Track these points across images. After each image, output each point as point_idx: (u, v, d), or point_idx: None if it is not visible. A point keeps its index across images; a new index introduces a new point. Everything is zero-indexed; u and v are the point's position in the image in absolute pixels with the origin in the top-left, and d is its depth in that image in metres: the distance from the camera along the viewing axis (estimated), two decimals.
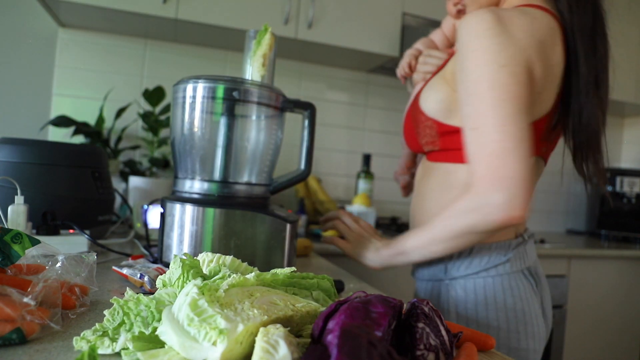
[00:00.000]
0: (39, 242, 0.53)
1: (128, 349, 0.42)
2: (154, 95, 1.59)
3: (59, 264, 0.55)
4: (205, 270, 0.54)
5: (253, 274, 0.50)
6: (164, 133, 1.68)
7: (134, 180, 1.41)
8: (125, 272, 0.71)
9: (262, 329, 0.39)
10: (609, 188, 2.46)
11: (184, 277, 0.49)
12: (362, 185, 1.86)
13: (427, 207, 0.89)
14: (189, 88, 0.78)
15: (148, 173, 1.63)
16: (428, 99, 0.84)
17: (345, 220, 0.96)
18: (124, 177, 1.59)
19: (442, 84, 0.83)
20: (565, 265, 1.84)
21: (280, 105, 0.82)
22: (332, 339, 0.36)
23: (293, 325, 0.46)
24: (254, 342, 0.39)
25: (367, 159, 1.88)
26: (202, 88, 0.77)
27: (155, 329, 0.42)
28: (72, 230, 0.89)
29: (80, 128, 1.53)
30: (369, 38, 1.80)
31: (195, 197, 0.78)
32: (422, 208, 0.91)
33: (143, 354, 0.39)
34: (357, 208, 1.74)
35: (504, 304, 0.81)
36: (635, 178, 2.42)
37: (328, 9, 1.74)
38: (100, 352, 0.43)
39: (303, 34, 1.72)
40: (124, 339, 0.43)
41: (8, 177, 0.84)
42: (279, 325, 0.41)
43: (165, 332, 0.41)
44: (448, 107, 0.81)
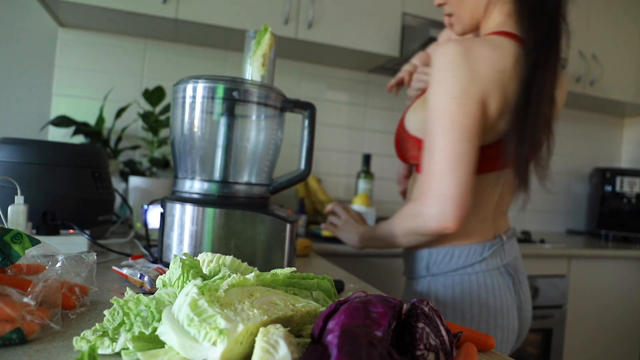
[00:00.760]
0: (39, 242, 0.53)
1: (128, 349, 0.42)
2: (154, 95, 1.59)
3: (59, 264, 0.55)
4: (205, 270, 0.54)
5: (253, 274, 0.50)
6: (164, 133, 1.68)
7: (134, 180, 1.41)
8: (125, 272, 0.71)
9: (262, 329, 0.39)
10: (609, 188, 2.46)
11: (184, 277, 0.49)
12: (362, 185, 1.86)
13: None
14: (189, 88, 0.78)
15: (148, 173, 1.63)
16: (411, 119, 0.94)
17: (337, 210, 1.11)
18: (124, 177, 1.59)
19: (422, 106, 0.91)
20: (565, 265, 1.84)
21: (280, 105, 0.82)
22: (332, 339, 0.36)
23: (293, 325, 0.46)
24: (254, 342, 0.39)
25: (367, 159, 1.88)
26: (202, 88, 0.77)
27: (156, 329, 0.42)
28: (72, 230, 0.89)
29: (81, 128, 1.53)
30: (369, 38, 1.80)
31: (195, 197, 0.78)
32: None
33: (143, 354, 0.39)
34: (357, 208, 1.74)
35: (478, 299, 0.89)
36: (635, 178, 2.43)
37: (328, 9, 1.74)
38: (100, 352, 0.43)
39: (303, 34, 1.72)
40: (124, 339, 0.43)
41: (8, 177, 0.84)
42: (279, 325, 0.41)
43: (165, 332, 0.41)
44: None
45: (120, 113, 1.63)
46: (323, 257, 1.35)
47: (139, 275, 0.68)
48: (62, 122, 1.52)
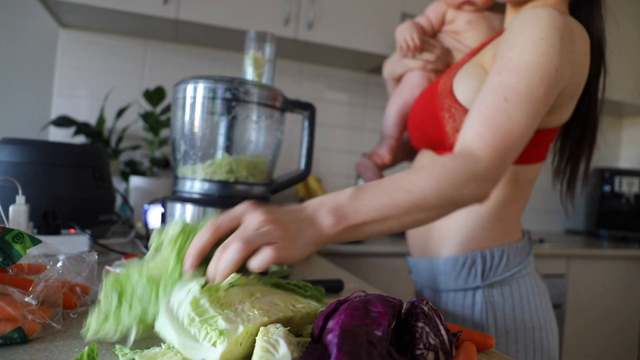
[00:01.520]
0: (40, 241, 0.53)
1: (125, 351, 0.42)
2: (155, 96, 1.59)
3: (60, 264, 0.55)
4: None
5: (253, 275, 0.51)
6: (165, 133, 1.68)
7: (135, 180, 1.42)
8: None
9: (262, 329, 0.40)
10: (608, 188, 2.46)
11: (183, 240, 0.51)
12: None
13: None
14: (190, 88, 0.78)
15: (149, 173, 1.63)
16: (463, 86, 0.78)
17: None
18: (125, 177, 1.60)
19: (479, 71, 0.78)
20: (564, 265, 1.85)
21: (280, 106, 0.83)
22: (332, 339, 0.36)
23: (293, 326, 0.46)
24: (254, 342, 0.40)
25: None
26: (202, 88, 0.77)
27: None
28: (73, 230, 0.89)
29: (81, 128, 1.53)
30: (369, 38, 1.80)
31: (196, 197, 0.78)
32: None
33: (140, 357, 0.39)
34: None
35: (535, 304, 0.81)
36: (634, 178, 2.43)
37: (328, 10, 1.74)
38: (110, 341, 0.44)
39: (303, 35, 1.72)
40: (135, 333, 0.45)
41: (9, 177, 0.84)
42: (279, 325, 0.41)
43: (164, 327, 0.41)
44: None
45: (121, 113, 1.63)
46: (323, 256, 1.35)
47: None
48: (63, 122, 1.52)
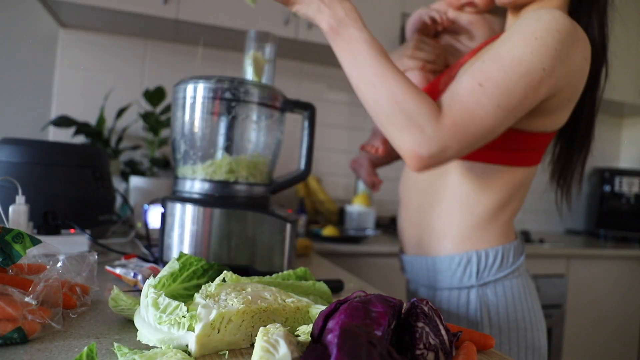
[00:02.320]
0: (40, 241, 0.53)
1: (124, 351, 0.42)
2: (155, 96, 1.59)
3: (60, 264, 0.55)
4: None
5: (256, 278, 0.52)
6: (165, 133, 1.68)
7: (135, 180, 1.42)
8: (119, 271, 0.71)
9: (262, 329, 0.40)
10: (608, 188, 2.46)
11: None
12: (361, 185, 1.86)
13: (437, 212, 0.85)
14: (190, 88, 0.78)
15: (149, 173, 1.63)
16: None
17: None
18: (125, 177, 1.60)
19: None
20: (564, 265, 1.85)
21: (281, 106, 0.83)
22: (332, 339, 0.36)
23: (282, 320, 0.47)
24: (238, 331, 0.43)
25: None
26: (202, 88, 0.77)
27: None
28: (73, 230, 0.89)
29: (81, 128, 1.53)
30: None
31: (196, 197, 0.78)
32: (430, 213, 0.86)
33: (140, 357, 0.40)
34: (357, 208, 1.74)
35: (527, 304, 0.82)
36: (634, 178, 2.43)
37: None
38: None
39: (303, 35, 1.72)
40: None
41: (9, 177, 0.84)
42: (279, 325, 0.41)
43: (144, 335, 0.44)
44: None
45: (121, 113, 1.63)
46: (323, 256, 1.35)
47: (132, 274, 0.68)
48: (63, 122, 1.52)
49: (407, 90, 0.65)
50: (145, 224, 0.99)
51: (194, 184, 0.79)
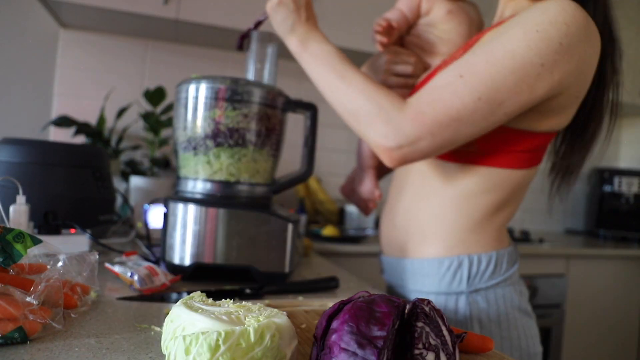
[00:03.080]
0: (41, 241, 0.53)
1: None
2: (155, 96, 1.59)
3: (61, 264, 0.55)
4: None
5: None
6: (165, 133, 1.68)
7: (135, 180, 1.42)
8: (117, 269, 0.71)
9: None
10: (608, 188, 2.46)
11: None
12: None
13: (427, 213, 0.81)
14: (192, 88, 0.78)
15: (149, 173, 1.63)
16: None
17: None
18: (125, 177, 1.59)
19: None
20: (564, 265, 1.85)
21: (282, 106, 0.83)
22: (336, 339, 0.36)
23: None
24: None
25: None
26: (204, 88, 0.77)
27: None
28: (73, 230, 0.89)
29: (82, 128, 1.53)
30: (369, 39, 1.80)
31: (198, 197, 0.78)
32: (418, 215, 0.83)
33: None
34: (356, 208, 1.74)
35: (519, 311, 0.79)
36: (633, 178, 2.43)
37: (328, 10, 1.74)
38: None
39: None
40: None
41: (10, 177, 0.84)
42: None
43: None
44: None
45: (122, 113, 1.63)
46: (323, 256, 1.35)
47: (130, 274, 0.68)
48: (63, 122, 1.52)
49: (369, 87, 0.68)
50: (146, 224, 0.99)
51: (196, 184, 0.79)
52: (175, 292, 0.68)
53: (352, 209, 1.76)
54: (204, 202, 0.76)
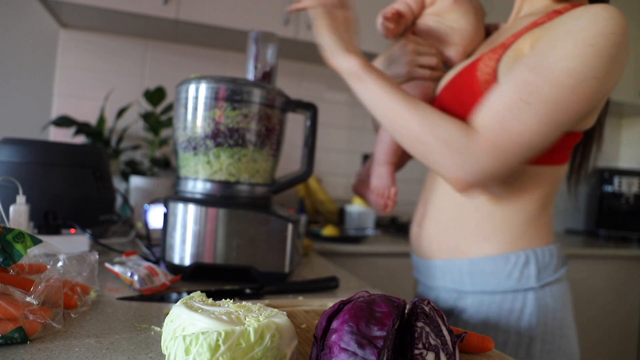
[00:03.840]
0: (41, 241, 0.53)
1: None
2: (155, 96, 1.59)
3: (61, 264, 0.55)
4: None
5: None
6: (165, 133, 1.68)
7: (135, 180, 1.42)
8: (117, 269, 0.71)
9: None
10: (608, 188, 2.46)
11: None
12: None
13: (480, 210, 0.78)
14: (192, 88, 0.78)
15: (149, 173, 1.63)
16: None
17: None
18: (125, 177, 1.60)
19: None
20: None
21: (282, 106, 0.83)
22: (336, 339, 0.36)
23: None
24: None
25: (366, 159, 1.88)
26: (204, 88, 0.77)
27: None
28: (73, 230, 0.89)
29: (82, 128, 1.53)
30: (369, 39, 1.80)
31: (198, 197, 0.78)
32: (471, 212, 0.79)
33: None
34: (356, 208, 1.74)
35: (570, 307, 0.79)
36: (633, 178, 2.43)
37: None
38: None
39: (303, 35, 1.72)
40: None
41: (10, 177, 0.84)
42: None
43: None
44: None
45: (122, 113, 1.63)
46: (323, 256, 1.35)
47: (130, 274, 0.68)
48: (63, 122, 1.52)
49: (435, 114, 0.66)
50: (146, 224, 0.99)
51: (196, 184, 0.79)
52: (175, 292, 0.68)
53: (352, 209, 1.76)
54: (204, 202, 0.76)
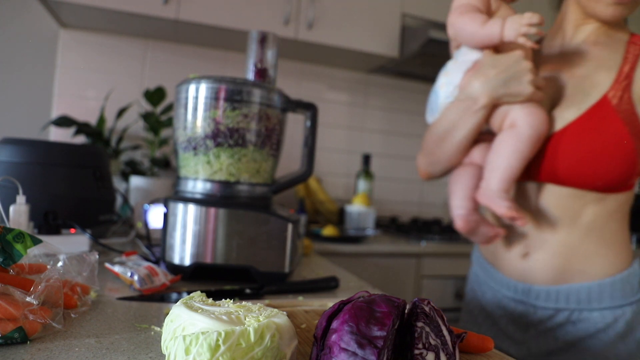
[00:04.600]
0: (41, 241, 0.53)
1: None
2: (155, 96, 1.59)
3: (61, 264, 0.55)
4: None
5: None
6: (165, 133, 1.68)
7: (135, 180, 1.42)
8: (117, 269, 0.71)
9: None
10: None
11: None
12: (361, 185, 1.86)
13: (585, 232, 0.80)
14: (192, 88, 0.78)
15: (149, 173, 1.63)
16: None
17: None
18: (125, 177, 1.59)
19: None
20: None
21: (282, 106, 0.83)
22: (336, 339, 0.36)
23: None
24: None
25: (366, 159, 1.88)
26: (205, 88, 0.77)
27: None
28: (73, 230, 0.89)
29: (82, 128, 1.53)
30: (369, 39, 1.80)
31: (198, 197, 0.78)
32: (576, 235, 0.80)
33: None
34: (357, 208, 1.74)
35: None
36: None
37: (328, 10, 1.74)
38: None
39: (303, 35, 1.72)
40: None
41: (10, 177, 0.84)
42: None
43: None
44: None
45: (122, 113, 1.63)
46: (323, 256, 1.35)
47: (130, 274, 0.68)
48: (63, 122, 1.52)
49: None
50: (146, 224, 0.99)
51: (196, 184, 0.79)
52: (175, 292, 0.68)
53: (352, 209, 1.76)
54: (204, 202, 0.76)
